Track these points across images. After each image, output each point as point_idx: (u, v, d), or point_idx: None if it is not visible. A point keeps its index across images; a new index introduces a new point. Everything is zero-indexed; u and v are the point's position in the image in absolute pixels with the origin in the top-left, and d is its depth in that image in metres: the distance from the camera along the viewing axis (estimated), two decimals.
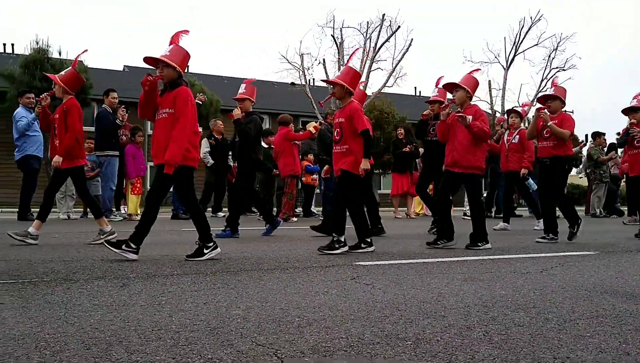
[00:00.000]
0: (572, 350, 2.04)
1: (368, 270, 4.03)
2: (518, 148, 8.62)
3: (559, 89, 6.68)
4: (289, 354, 1.96)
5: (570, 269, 4.16)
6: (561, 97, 6.51)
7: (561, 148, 6.33)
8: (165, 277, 3.60)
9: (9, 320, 2.37)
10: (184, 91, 4.49)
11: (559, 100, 6.49)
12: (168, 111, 4.46)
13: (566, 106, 6.63)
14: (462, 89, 5.85)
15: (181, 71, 4.59)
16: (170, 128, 4.41)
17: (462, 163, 5.68)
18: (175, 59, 4.54)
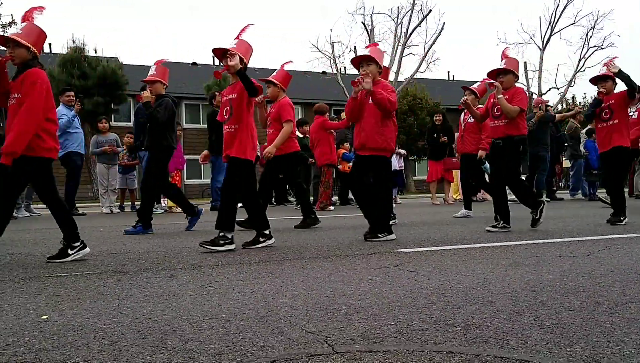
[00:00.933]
0: (625, 333, 2.00)
1: (410, 257, 4.02)
2: (475, 128, 7.82)
3: (511, 61, 6.03)
4: (340, 341, 1.98)
5: (617, 252, 4.08)
6: (514, 70, 5.94)
7: (515, 127, 5.77)
8: (210, 267, 3.67)
9: (66, 312, 2.46)
10: (32, 73, 3.95)
11: (512, 73, 5.93)
12: (17, 96, 3.94)
13: (520, 78, 6.30)
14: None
15: (36, 51, 4.06)
16: None
17: (370, 145, 5.17)
18: (28, 38, 4.02)
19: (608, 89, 6.56)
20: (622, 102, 6.49)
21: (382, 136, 5.14)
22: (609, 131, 6.53)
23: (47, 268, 3.75)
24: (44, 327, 2.20)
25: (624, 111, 6.60)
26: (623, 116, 6.57)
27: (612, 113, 6.52)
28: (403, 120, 28.92)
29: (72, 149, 10.03)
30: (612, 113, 6.51)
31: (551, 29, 29.95)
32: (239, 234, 5.23)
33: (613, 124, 6.49)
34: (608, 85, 6.57)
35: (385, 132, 5.16)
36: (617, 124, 6.47)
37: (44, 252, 4.52)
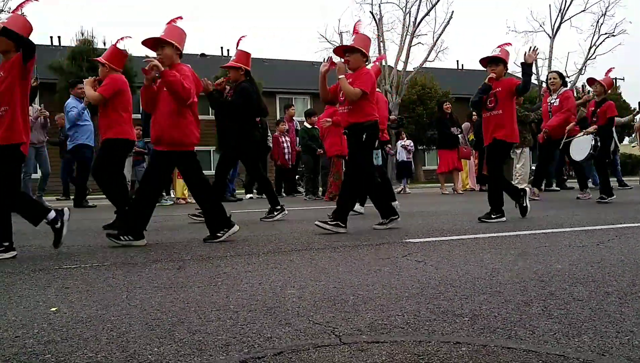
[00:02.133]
0: (635, 324, 1.99)
1: (419, 247, 4.01)
2: None
3: (360, 38, 5.32)
4: (347, 332, 1.98)
5: (627, 241, 4.05)
6: (362, 49, 5.20)
7: (358, 113, 5.05)
8: (219, 259, 3.68)
9: (75, 304, 2.47)
10: None
11: (360, 53, 5.17)
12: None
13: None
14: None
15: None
16: None
17: (165, 140, 4.54)
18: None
19: (498, 73, 5.86)
20: (509, 93, 5.84)
21: (178, 129, 4.50)
22: (491, 121, 5.87)
23: (56, 260, 3.78)
24: (52, 319, 2.22)
25: (509, 103, 5.87)
26: (508, 107, 5.85)
27: (496, 102, 5.84)
28: (412, 110, 28.81)
29: (82, 141, 10.06)
30: (497, 102, 5.83)
31: (561, 17, 29.66)
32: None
33: (497, 114, 5.83)
34: (499, 69, 5.86)
35: (181, 124, 4.51)
36: (501, 115, 5.81)
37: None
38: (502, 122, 5.81)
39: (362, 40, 5.35)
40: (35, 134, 9.95)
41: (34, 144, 9.97)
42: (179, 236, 5.07)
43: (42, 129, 10.19)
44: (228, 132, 6.59)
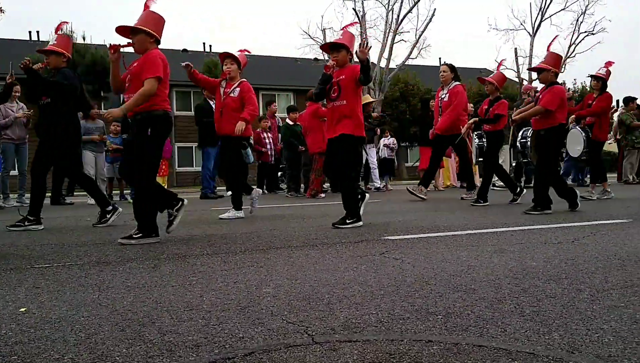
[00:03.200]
0: (605, 321, 2.00)
1: (397, 245, 4.02)
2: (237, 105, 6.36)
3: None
4: (320, 331, 1.97)
5: (602, 238, 4.09)
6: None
7: None
8: (195, 257, 3.65)
9: (45, 304, 2.43)
10: None
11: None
12: None
13: None
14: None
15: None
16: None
17: None
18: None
19: (340, 61, 5.31)
20: (353, 81, 5.25)
21: None
22: (335, 113, 5.32)
23: (28, 259, 3.72)
24: (21, 320, 2.18)
25: (353, 92, 5.29)
26: (352, 97, 5.27)
27: (339, 92, 5.28)
28: (395, 107, 28.87)
29: None
30: (340, 92, 5.28)
31: (542, 15, 29.92)
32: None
33: (340, 105, 5.27)
34: (341, 56, 5.30)
35: None
36: (345, 106, 5.24)
37: (27, 243, 4.49)
38: (347, 114, 5.25)
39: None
40: (16, 130, 9.80)
41: (13, 140, 9.82)
42: None
43: (24, 126, 10.03)
44: (49, 119, 5.76)
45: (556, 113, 6.21)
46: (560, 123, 6.28)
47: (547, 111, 6.19)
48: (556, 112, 6.19)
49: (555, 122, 6.22)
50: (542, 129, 6.33)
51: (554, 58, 6.54)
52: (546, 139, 6.28)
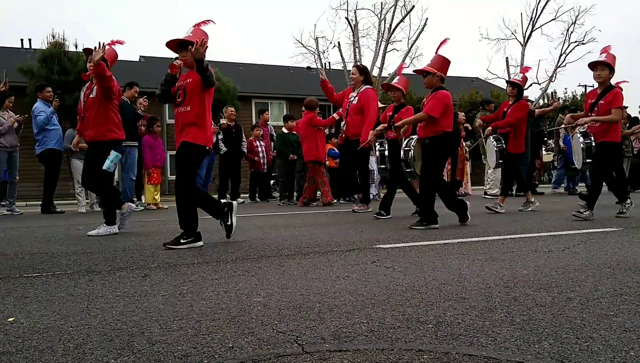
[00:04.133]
0: (595, 329, 2.01)
1: (388, 253, 4.02)
2: None
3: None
4: (310, 340, 1.96)
5: (593, 246, 4.11)
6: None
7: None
8: (186, 266, 3.63)
9: (33, 314, 2.41)
10: None
11: None
12: None
13: None
14: None
15: None
16: None
17: None
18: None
19: (189, 62, 4.69)
20: (199, 85, 4.67)
21: None
22: (179, 120, 4.81)
23: (18, 268, 3.69)
24: (9, 330, 2.16)
25: (200, 97, 4.71)
26: (198, 103, 4.70)
27: (184, 96, 4.72)
28: None
29: (50, 146, 9.90)
30: (185, 96, 4.72)
31: (532, 25, 30.08)
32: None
33: (185, 111, 4.72)
34: (189, 56, 4.63)
35: None
36: (190, 112, 4.69)
37: (16, 252, 4.45)
38: (192, 121, 4.70)
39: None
40: (8, 138, 9.76)
41: (6, 148, 9.78)
42: (147, 243, 4.99)
43: (15, 134, 9.99)
44: None
45: (441, 120, 5.82)
46: (445, 131, 5.86)
47: (431, 118, 5.82)
48: (440, 119, 5.80)
49: (440, 130, 5.83)
50: (426, 138, 5.95)
51: (440, 61, 6.05)
52: (430, 147, 5.91)
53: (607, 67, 6.30)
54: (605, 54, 6.44)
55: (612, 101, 6.28)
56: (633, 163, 14.19)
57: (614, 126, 6.38)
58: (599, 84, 6.50)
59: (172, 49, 4.80)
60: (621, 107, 6.43)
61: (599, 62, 6.41)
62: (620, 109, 6.43)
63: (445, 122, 5.86)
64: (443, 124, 5.84)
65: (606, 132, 6.36)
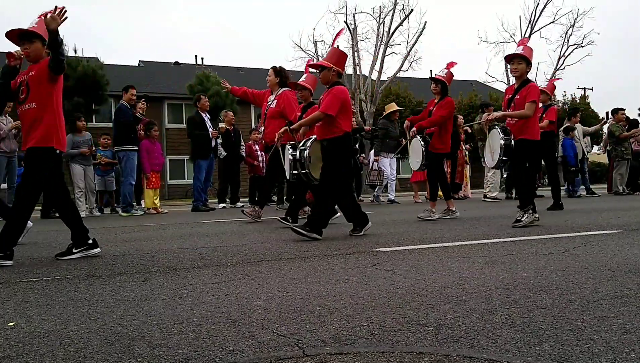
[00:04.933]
0: (595, 331, 2.01)
1: (389, 256, 4.02)
2: None
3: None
4: (310, 344, 1.96)
5: (593, 249, 4.11)
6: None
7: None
8: (186, 270, 3.63)
9: (34, 318, 2.41)
10: None
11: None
12: None
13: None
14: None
15: None
16: None
17: None
18: None
19: (33, 54, 4.25)
20: (44, 77, 4.18)
21: None
22: (25, 118, 4.28)
23: (18, 273, 3.69)
24: (9, 334, 2.16)
25: (46, 91, 4.22)
26: (44, 98, 4.21)
27: (28, 92, 4.22)
28: None
29: None
30: (29, 92, 4.22)
31: (531, 28, 30.22)
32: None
33: (30, 108, 4.22)
34: (34, 48, 4.23)
35: None
36: (35, 110, 4.19)
37: (16, 257, 4.44)
38: (38, 119, 4.20)
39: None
40: (7, 143, 9.75)
41: (6, 153, 9.77)
42: (147, 247, 4.99)
43: (14, 138, 9.99)
44: None
45: (339, 120, 5.33)
46: (346, 132, 5.36)
47: (328, 116, 5.33)
48: (339, 118, 5.33)
49: (340, 132, 5.33)
50: (325, 139, 5.46)
51: (336, 55, 5.58)
52: (328, 151, 5.41)
53: (524, 61, 5.93)
54: (522, 47, 6.07)
55: (526, 96, 5.90)
56: (633, 165, 14.21)
57: (531, 123, 5.97)
58: (516, 79, 6.21)
59: (12, 41, 4.24)
60: (535, 101, 5.91)
61: (516, 55, 6.02)
62: (534, 104, 5.91)
63: (344, 122, 5.37)
64: (342, 124, 5.33)
65: (522, 130, 5.95)
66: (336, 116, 5.31)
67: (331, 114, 5.31)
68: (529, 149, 5.98)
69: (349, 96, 5.47)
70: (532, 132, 5.98)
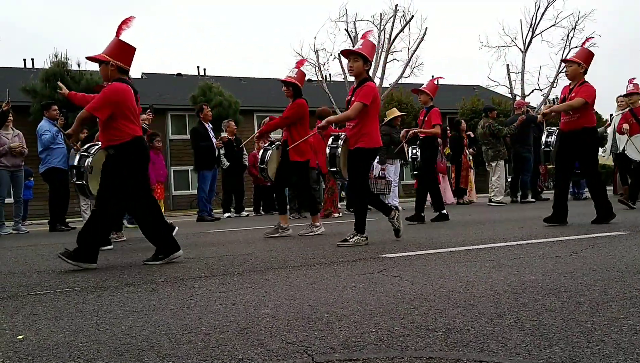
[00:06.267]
0: (606, 333, 2.00)
1: (395, 262, 4.01)
2: None
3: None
4: (320, 351, 1.95)
5: (600, 250, 4.09)
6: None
7: None
8: (193, 280, 3.63)
9: (43, 331, 2.41)
10: None
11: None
12: None
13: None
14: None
15: None
16: None
17: None
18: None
19: None
20: None
21: None
22: None
23: (25, 286, 3.69)
24: (19, 347, 2.16)
25: None
26: None
27: None
28: None
29: (54, 164, 9.94)
30: None
31: (532, 31, 30.20)
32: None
33: None
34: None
35: None
36: None
37: (23, 270, 4.46)
38: None
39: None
40: (10, 158, 9.80)
41: (8, 167, 9.81)
42: None
43: (20, 155, 10.02)
44: None
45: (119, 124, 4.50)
46: (136, 137, 4.57)
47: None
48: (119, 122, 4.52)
49: (127, 136, 4.53)
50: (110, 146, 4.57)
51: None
52: (114, 159, 4.55)
53: (361, 58, 5.22)
54: (363, 41, 5.38)
55: (361, 95, 5.22)
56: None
57: (366, 129, 5.28)
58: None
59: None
60: (364, 103, 5.16)
61: (352, 52, 5.32)
62: (361, 105, 5.17)
63: (131, 125, 4.58)
64: (130, 128, 4.57)
65: (358, 137, 5.33)
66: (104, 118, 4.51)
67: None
68: (363, 157, 5.39)
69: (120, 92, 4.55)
70: (369, 141, 5.33)
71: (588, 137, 6.29)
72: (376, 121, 5.39)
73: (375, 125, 5.37)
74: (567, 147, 6.40)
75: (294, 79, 6.80)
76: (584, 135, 6.27)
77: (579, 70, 6.28)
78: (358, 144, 5.32)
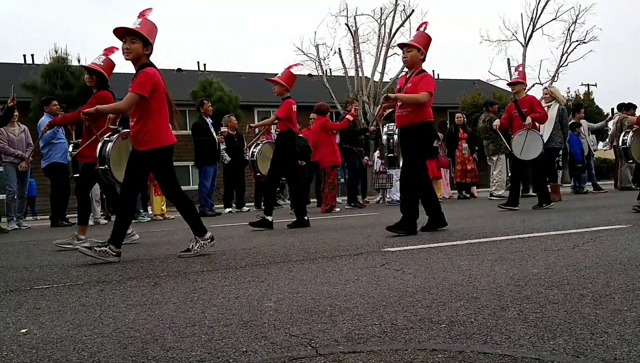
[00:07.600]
0: (609, 324, 2.00)
1: (397, 256, 4.01)
2: None
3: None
4: (323, 343, 1.96)
5: (602, 244, 4.09)
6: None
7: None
8: (195, 274, 3.64)
9: (46, 324, 2.42)
10: None
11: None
12: None
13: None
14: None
15: None
16: None
17: None
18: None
19: None
20: None
21: None
22: None
23: (28, 281, 3.70)
24: (22, 341, 2.16)
25: None
26: None
27: None
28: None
29: (55, 160, 9.95)
30: None
31: (533, 25, 30.09)
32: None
33: None
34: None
35: None
36: None
37: (26, 265, 4.47)
38: None
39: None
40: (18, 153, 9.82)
41: (14, 163, 9.83)
42: (156, 252, 5.01)
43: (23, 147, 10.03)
44: None
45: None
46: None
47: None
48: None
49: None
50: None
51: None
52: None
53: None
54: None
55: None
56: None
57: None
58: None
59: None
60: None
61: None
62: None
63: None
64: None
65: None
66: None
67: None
68: None
69: None
70: None
71: (423, 132, 5.66)
72: None
73: None
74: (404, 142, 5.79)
75: (100, 67, 5.79)
76: (421, 130, 5.62)
77: (419, 56, 5.63)
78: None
